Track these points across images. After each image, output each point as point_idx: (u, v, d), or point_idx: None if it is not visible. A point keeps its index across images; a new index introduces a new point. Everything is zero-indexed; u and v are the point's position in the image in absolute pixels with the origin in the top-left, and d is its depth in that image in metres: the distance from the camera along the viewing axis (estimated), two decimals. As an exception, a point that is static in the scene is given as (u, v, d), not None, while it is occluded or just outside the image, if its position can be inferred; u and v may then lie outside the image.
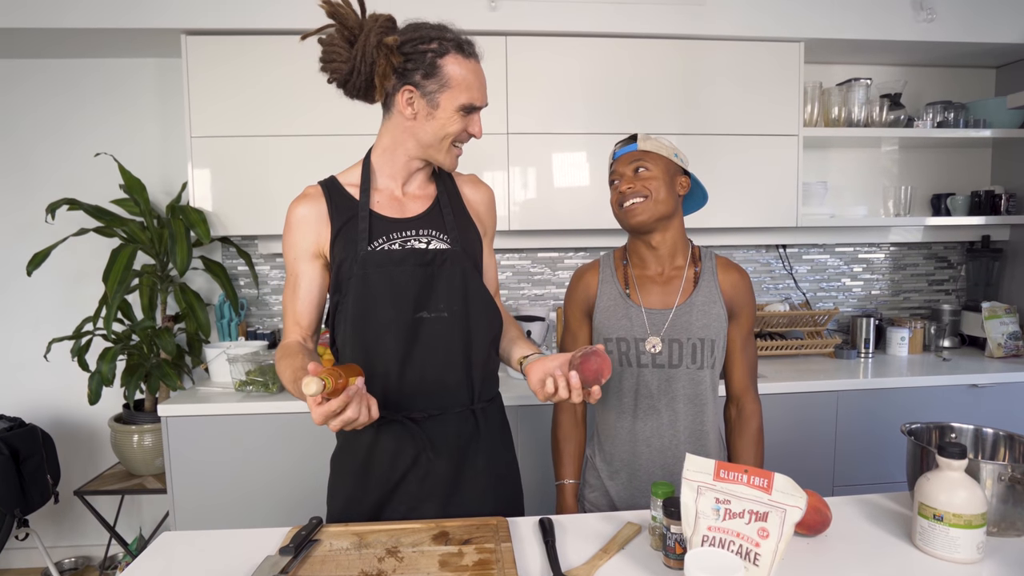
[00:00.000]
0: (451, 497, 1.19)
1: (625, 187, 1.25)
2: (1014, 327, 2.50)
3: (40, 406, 2.54)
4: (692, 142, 2.33)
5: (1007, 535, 1.03)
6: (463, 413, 1.20)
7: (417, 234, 1.17)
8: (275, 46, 2.17)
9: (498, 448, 1.26)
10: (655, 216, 1.24)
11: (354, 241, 1.15)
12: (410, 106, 1.12)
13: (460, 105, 1.11)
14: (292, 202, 1.20)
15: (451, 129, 1.12)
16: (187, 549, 1.07)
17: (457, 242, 1.19)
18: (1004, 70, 2.75)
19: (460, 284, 1.17)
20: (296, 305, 1.20)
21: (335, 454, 1.27)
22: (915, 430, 1.19)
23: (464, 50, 1.11)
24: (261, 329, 2.59)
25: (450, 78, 1.09)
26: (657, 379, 1.27)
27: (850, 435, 2.19)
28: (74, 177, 2.47)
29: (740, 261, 2.76)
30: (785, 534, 0.83)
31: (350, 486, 1.21)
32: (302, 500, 2.04)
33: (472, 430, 1.21)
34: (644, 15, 2.25)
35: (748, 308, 1.31)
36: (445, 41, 1.09)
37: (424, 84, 1.10)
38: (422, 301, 1.15)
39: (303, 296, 1.20)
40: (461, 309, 1.17)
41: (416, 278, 1.15)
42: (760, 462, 1.33)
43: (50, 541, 2.57)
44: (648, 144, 1.26)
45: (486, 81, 1.16)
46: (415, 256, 1.15)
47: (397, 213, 1.19)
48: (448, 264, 1.17)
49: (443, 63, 1.09)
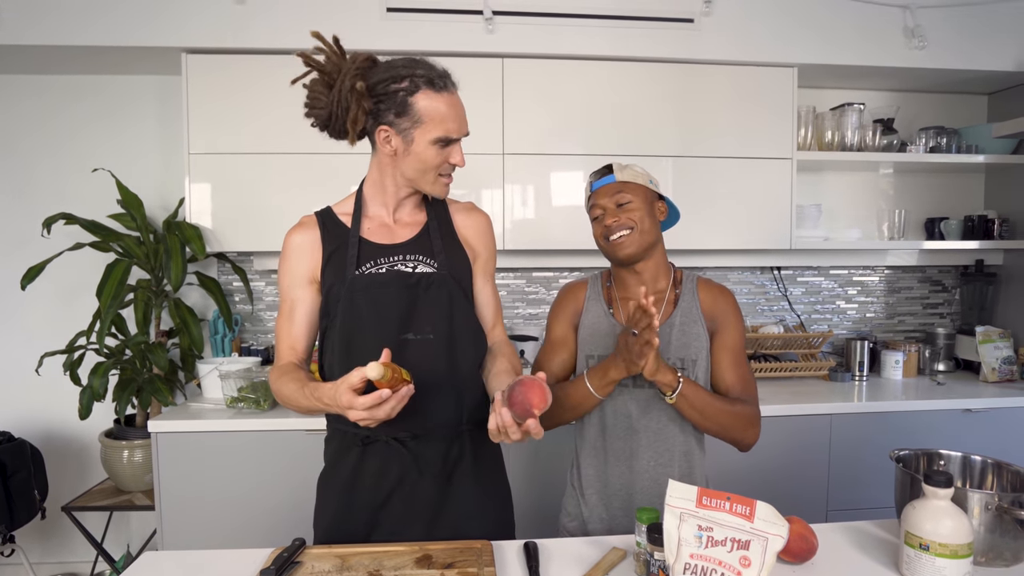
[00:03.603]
0: (437, 519, 1.18)
1: (610, 221, 1.25)
2: (1008, 351, 2.50)
3: (30, 420, 2.52)
4: (686, 164, 2.35)
5: (995, 565, 1.02)
6: (451, 435, 1.20)
7: (404, 258, 1.20)
8: (274, 65, 2.19)
9: (488, 471, 1.26)
10: (643, 247, 1.26)
11: (343, 266, 1.18)
12: (388, 144, 1.15)
13: (434, 139, 1.12)
14: (289, 231, 1.23)
15: (431, 162, 1.14)
16: (169, 569, 1.06)
17: (444, 266, 1.20)
18: (996, 97, 2.78)
19: (446, 307, 1.18)
20: (292, 330, 1.21)
21: (322, 475, 1.27)
22: (903, 456, 1.19)
23: (435, 85, 1.12)
24: (255, 345, 2.59)
25: (422, 114, 1.11)
26: (638, 399, 1.27)
27: (844, 459, 2.18)
28: (71, 192, 2.48)
29: (735, 283, 2.76)
30: (767, 563, 0.82)
31: (336, 506, 1.21)
32: (291, 518, 2.02)
33: (460, 452, 1.20)
34: (639, 39, 2.28)
35: (732, 324, 1.30)
36: (416, 78, 1.10)
37: (398, 122, 1.12)
38: (406, 323, 1.16)
39: (298, 321, 1.21)
40: (447, 331, 1.18)
41: (401, 300, 1.16)
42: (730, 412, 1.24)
43: (36, 557, 2.54)
44: (625, 175, 1.28)
45: (463, 111, 1.17)
46: (400, 278, 1.17)
47: (386, 239, 1.21)
48: (434, 287, 1.18)
49: (414, 100, 1.10)
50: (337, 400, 0.98)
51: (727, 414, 1.22)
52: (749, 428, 1.24)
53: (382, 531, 1.18)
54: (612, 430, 1.29)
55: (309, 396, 1.07)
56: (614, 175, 1.27)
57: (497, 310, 1.32)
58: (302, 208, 2.25)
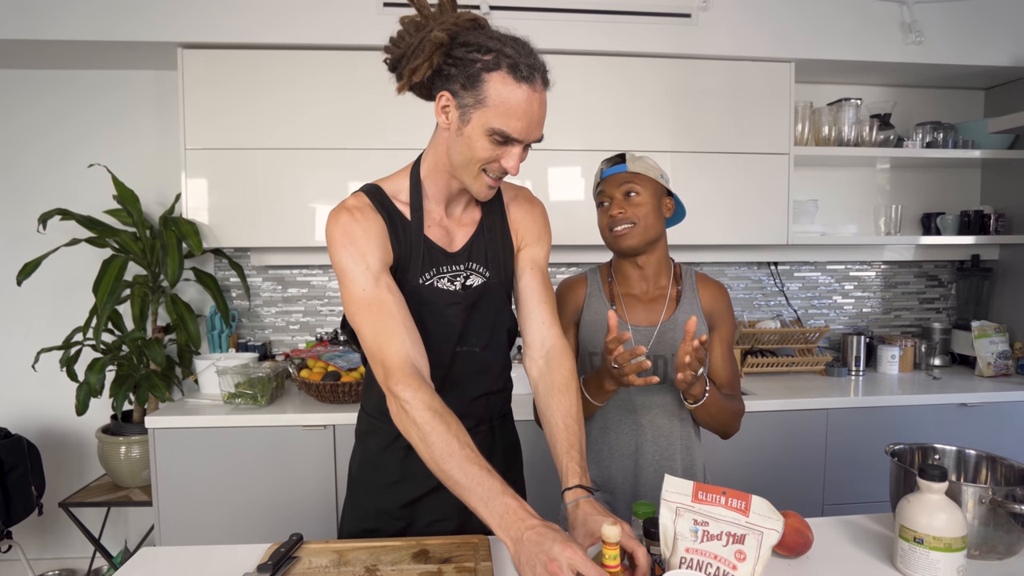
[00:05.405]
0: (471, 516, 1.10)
1: (616, 211, 1.25)
2: (1004, 346, 2.51)
3: (27, 416, 2.52)
4: (684, 159, 2.35)
5: (988, 558, 1.03)
6: (482, 432, 1.19)
7: (464, 268, 1.14)
8: (271, 60, 2.18)
9: (506, 464, 1.26)
10: (645, 241, 1.26)
11: (405, 268, 1.10)
12: (444, 114, 1.03)
13: (491, 129, 0.98)
14: (341, 213, 1.06)
15: (479, 154, 1.01)
16: (166, 565, 1.06)
17: (496, 274, 1.17)
18: (993, 92, 2.78)
19: (492, 319, 1.17)
20: (401, 325, 1.00)
21: (358, 469, 1.24)
22: (898, 451, 1.19)
23: (519, 71, 0.97)
24: (252, 341, 2.59)
25: (488, 96, 0.97)
26: (640, 395, 1.28)
27: (840, 453, 2.19)
28: (67, 187, 2.47)
29: (732, 278, 2.77)
30: (762, 557, 0.82)
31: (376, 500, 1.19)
32: (288, 514, 2.02)
33: (488, 447, 1.20)
34: (636, 34, 2.28)
35: (728, 320, 1.33)
36: (502, 56, 0.97)
37: (462, 95, 0.99)
38: (461, 337, 1.14)
39: (404, 311, 1.02)
40: (490, 342, 1.17)
41: (460, 318, 1.13)
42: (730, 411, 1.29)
43: (33, 553, 2.54)
44: (637, 166, 1.27)
45: (541, 114, 1.02)
46: (463, 298, 1.13)
47: (445, 243, 1.13)
48: (485, 299, 1.15)
49: (488, 78, 0.97)
50: (559, 555, 0.78)
51: (728, 413, 1.27)
52: (737, 421, 1.30)
53: (417, 527, 1.17)
54: (615, 426, 1.30)
55: (491, 497, 0.87)
56: (626, 165, 1.27)
57: (550, 305, 1.19)
58: (299, 203, 2.28)
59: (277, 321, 2.61)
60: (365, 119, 2.20)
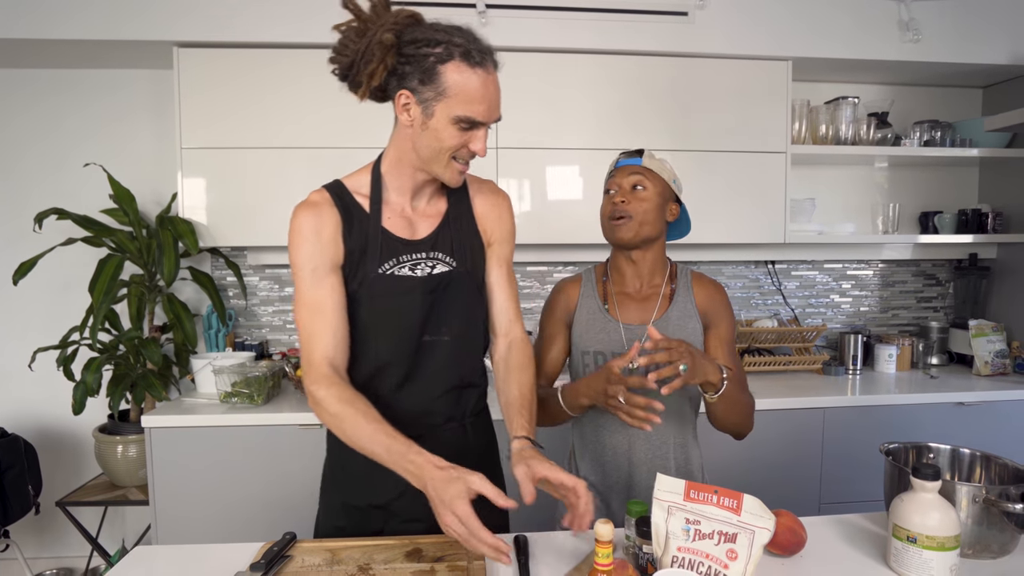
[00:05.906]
0: None
1: (619, 200, 1.26)
2: (1001, 345, 2.51)
3: (24, 416, 2.52)
4: (681, 158, 2.33)
5: (982, 557, 1.03)
6: (454, 428, 1.19)
7: (426, 257, 1.13)
8: (266, 59, 2.18)
9: (483, 462, 1.25)
10: (640, 237, 1.26)
11: (363, 261, 1.10)
12: (406, 112, 1.05)
13: (455, 117, 1.02)
14: (301, 209, 1.10)
15: (448, 143, 1.04)
16: (160, 563, 1.06)
17: (462, 263, 1.16)
18: (991, 90, 2.77)
19: (461, 308, 1.16)
20: (330, 328, 1.06)
21: (327, 467, 1.24)
22: (893, 450, 1.19)
23: (471, 58, 1.01)
24: (249, 340, 2.58)
25: (448, 87, 1.00)
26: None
27: (837, 452, 2.19)
28: (64, 187, 2.47)
29: (729, 277, 2.77)
30: (754, 556, 0.82)
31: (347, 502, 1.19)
32: (285, 513, 2.02)
33: (462, 444, 1.19)
34: (633, 32, 2.27)
35: (725, 318, 1.31)
36: (452, 46, 1.00)
37: (421, 90, 1.02)
38: (424, 326, 1.13)
39: (333, 318, 1.07)
40: (459, 331, 1.16)
41: (423, 305, 1.12)
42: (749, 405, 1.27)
43: (31, 552, 2.54)
44: (652, 163, 1.28)
45: (497, 94, 1.07)
46: (423, 284, 1.12)
47: (407, 233, 1.14)
48: (452, 287, 1.14)
49: (443, 70, 1.00)
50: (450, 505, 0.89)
51: (747, 406, 1.23)
52: (752, 417, 1.27)
53: (393, 525, 1.16)
54: (608, 425, 1.29)
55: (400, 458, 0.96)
56: (641, 159, 1.28)
57: (514, 301, 1.23)
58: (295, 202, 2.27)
59: (274, 320, 2.61)
60: (361, 118, 2.17)
